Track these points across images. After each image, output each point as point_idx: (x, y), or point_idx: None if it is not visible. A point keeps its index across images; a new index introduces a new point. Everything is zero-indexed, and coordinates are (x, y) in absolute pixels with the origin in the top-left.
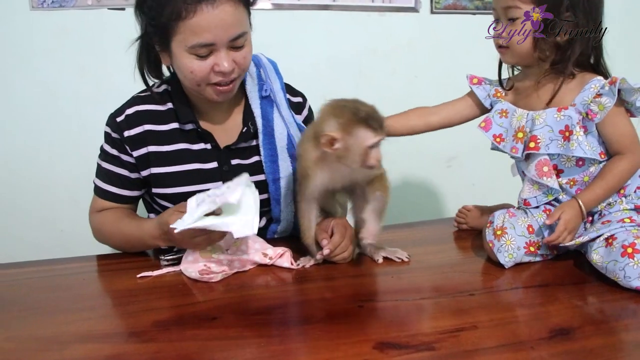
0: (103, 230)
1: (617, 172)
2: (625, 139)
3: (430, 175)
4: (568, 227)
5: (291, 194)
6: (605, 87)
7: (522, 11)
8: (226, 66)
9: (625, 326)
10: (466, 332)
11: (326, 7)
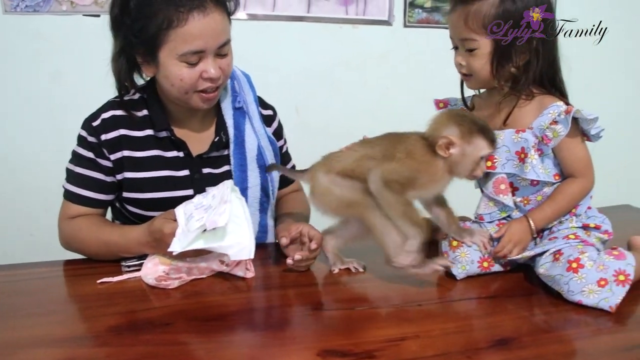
0: (79, 237)
1: (567, 194)
2: (579, 164)
3: None
4: (512, 240)
5: (258, 203)
6: (561, 115)
7: (479, 42)
8: (214, 73)
9: (561, 337)
10: (408, 342)
11: (300, 18)
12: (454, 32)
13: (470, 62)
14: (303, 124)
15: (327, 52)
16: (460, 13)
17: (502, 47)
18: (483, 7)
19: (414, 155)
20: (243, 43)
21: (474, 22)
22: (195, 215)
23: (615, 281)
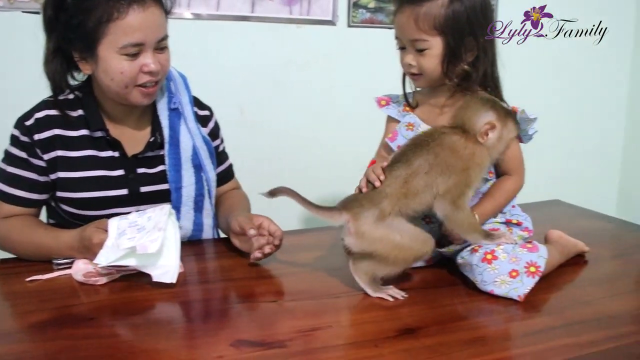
0: (11, 237)
1: (505, 190)
2: (514, 162)
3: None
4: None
5: (192, 202)
6: None
7: (430, 43)
8: (154, 66)
9: (468, 325)
10: (320, 332)
11: (245, 18)
12: (402, 33)
13: (421, 62)
14: (247, 123)
15: (272, 51)
16: (410, 14)
17: (452, 47)
18: (433, 8)
19: (460, 154)
20: (188, 43)
21: (425, 23)
22: (127, 233)
23: (526, 272)
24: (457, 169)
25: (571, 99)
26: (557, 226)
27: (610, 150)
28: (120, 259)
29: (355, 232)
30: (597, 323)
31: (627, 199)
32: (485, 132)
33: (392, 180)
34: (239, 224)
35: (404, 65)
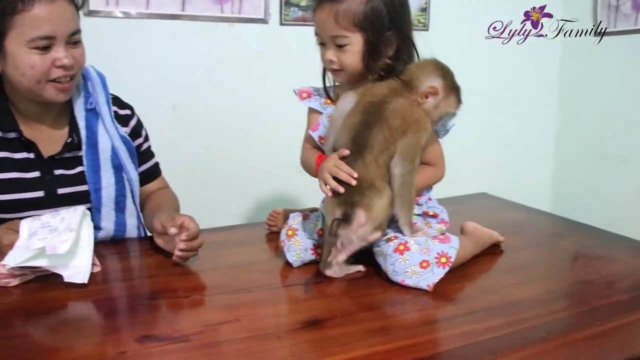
0: None
1: (422, 175)
2: (435, 155)
3: (282, 181)
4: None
5: (113, 203)
6: None
7: (350, 39)
8: (67, 61)
9: (376, 315)
10: (227, 325)
11: (175, 16)
12: (322, 29)
13: (341, 58)
14: (180, 121)
15: (203, 50)
16: (329, 11)
17: (373, 42)
18: (352, 5)
19: (409, 120)
20: (118, 42)
21: (345, 20)
22: (39, 234)
23: (437, 263)
24: (410, 132)
25: (504, 96)
26: (480, 218)
27: (543, 144)
28: (29, 260)
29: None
30: (500, 310)
31: (560, 190)
32: (426, 94)
33: (365, 167)
34: (161, 223)
35: (325, 61)
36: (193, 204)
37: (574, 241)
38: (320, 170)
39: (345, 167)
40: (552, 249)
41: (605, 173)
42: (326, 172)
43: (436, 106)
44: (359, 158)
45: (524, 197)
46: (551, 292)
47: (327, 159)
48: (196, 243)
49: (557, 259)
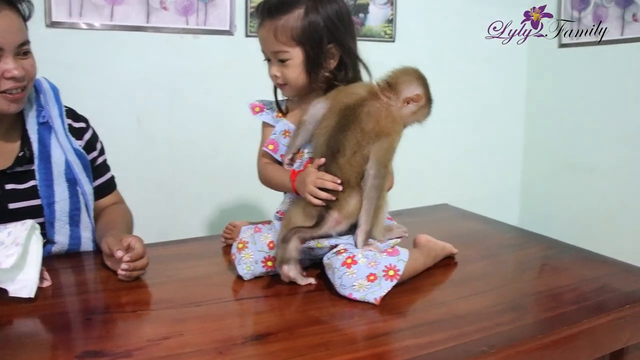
0: None
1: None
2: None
3: (248, 193)
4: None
5: (67, 217)
6: None
7: (290, 53)
8: (16, 72)
9: (319, 329)
10: (170, 340)
11: (139, 28)
12: (265, 45)
13: (284, 73)
14: (145, 133)
15: (169, 62)
16: (269, 28)
17: (312, 56)
18: (290, 21)
19: (383, 123)
20: (82, 53)
21: (283, 35)
22: None
23: (385, 276)
24: (384, 135)
25: (471, 107)
26: (439, 229)
27: (511, 153)
28: None
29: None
30: (445, 324)
31: (528, 199)
32: (410, 100)
33: (339, 169)
34: (108, 245)
35: (270, 76)
36: (159, 216)
37: (528, 253)
38: (302, 185)
39: (328, 176)
40: (505, 261)
41: (572, 182)
42: (311, 185)
43: (414, 113)
44: (333, 161)
45: (493, 207)
46: (498, 305)
47: (306, 173)
48: (140, 263)
49: (509, 271)
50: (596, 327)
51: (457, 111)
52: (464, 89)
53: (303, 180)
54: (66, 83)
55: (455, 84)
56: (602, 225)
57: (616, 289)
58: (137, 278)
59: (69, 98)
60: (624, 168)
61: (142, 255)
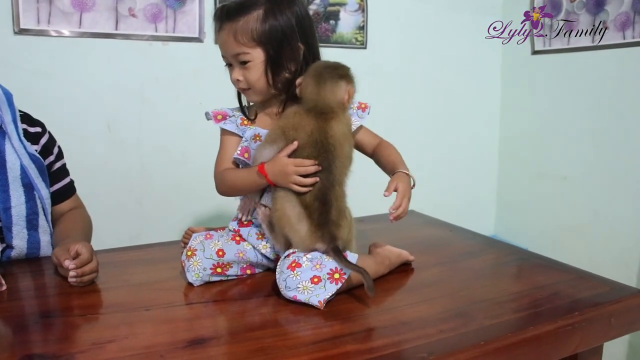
0: None
1: (391, 147)
2: (372, 134)
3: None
4: (407, 195)
5: (24, 221)
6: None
7: (251, 55)
8: None
9: (262, 334)
10: (114, 344)
11: (109, 35)
12: (225, 50)
13: (246, 76)
14: (115, 140)
15: (138, 69)
16: (229, 31)
17: (273, 56)
18: (249, 22)
19: (348, 134)
20: (51, 60)
21: (243, 37)
22: None
23: (330, 279)
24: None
25: (444, 114)
26: (401, 236)
27: (487, 160)
28: None
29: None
30: (388, 330)
31: (504, 207)
32: (348, 99)
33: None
34: (56, 256)
35: (232, 81)
36: (129, 221)
37: (486, 259)
38: (284, 176)
39: (307, 161)
40: (460, 268)
41: (546, 190)
42: (294, 175)
43: (351, 100)
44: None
45: (469, 215)
46: (444, 312)
47: (281, 164)
48: (88, 268)
49: (463, 278)
50: (542, 335)
51: (430, 118)
52: (437, 96)
53: (283, 172)
54: (35, 90)
55: (428, 91)
56: (575, 232)
57: (568, 296)
58: (92, 282)
59: (38, 105)
60: (596, 176)
61: (89, 260)
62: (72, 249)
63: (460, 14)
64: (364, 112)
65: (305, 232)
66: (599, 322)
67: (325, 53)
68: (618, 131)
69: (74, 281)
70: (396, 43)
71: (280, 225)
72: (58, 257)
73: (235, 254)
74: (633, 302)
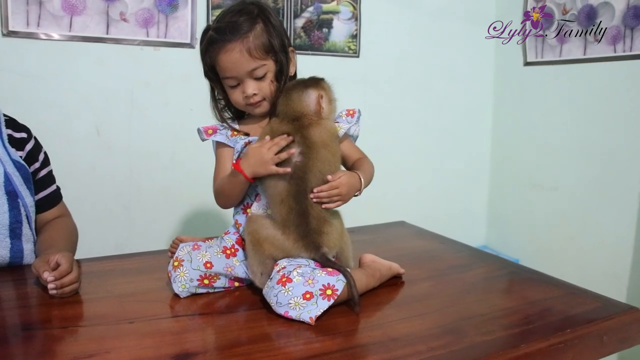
0: None
1: (368, 163)
2: (357, 150)
3: (207, 206)
4: (342, 188)
5: (7, 230)
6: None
7: (267, 66)
8: None
9: (248, 350)
10: (95, 358)
11: (99, 39)
12: (237, 68)
13: (262, 88)
14: (105, 144)
15: (129, 73)
16: (240, 49)
17: (282, 63)
18: (258, 36)
19: (331, 140)
20: (40, 63)
21: (258, 51)
22: None
23: (322, 295)
24: (334, 151)
25: (437, 124)
26: (391, 247)
27: (479, 170)
28: None
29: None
30: (378, 346)
31: (495, 217)
32: (319, 104)
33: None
34: (34, 268)
35: (245, 97)
36: (116, 227)
37: (477, 273)
38: (261, 164)
39: (276, 138)
40: (451, 281)
41: (538, 200)
42: (271, 164)
43: (330, 102)
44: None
45: (460, 226)
46: (436, 328)
47: (254, 152)
48: (67, 279)
49: (454, 292)
50: (534, 352)
51: (422, 128)
52: (429, 106)
53: (259, 160)
54: (23, 93)
55: (420, 100)
56: (566, 242)
57: (560, 312)
58: (75, 293)
59: (26, 108)
60: (587, 186)
61: (68, 271)
62: (51, 260)
63: (453, 23)
64: (353, 117)
65: (290, 247)
66: (591, 340)
67: (318, 61)
68: (609, 142)
69: (54, 293)
70: (389, 52)
71: (263, 248)
72: (37, 268)
73: (223, 267)
74: (625, 319)
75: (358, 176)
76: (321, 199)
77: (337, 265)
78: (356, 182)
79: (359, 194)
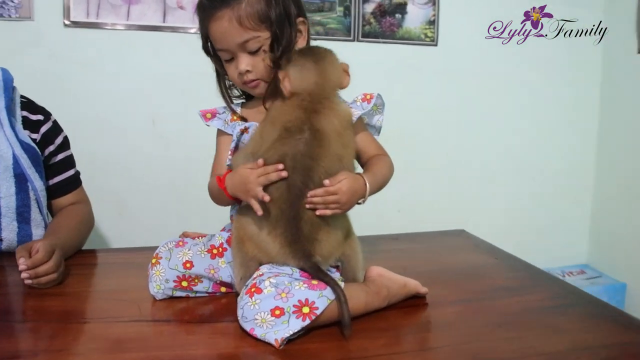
0: None
1: (384, 163)
2: (375, 144)
3: None
4: (340, 193)
5: (14, 213)
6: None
7: (261, 38)
8: None
9: None
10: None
11: (156, 28)
12: (226, 40)
13: (257, 65)
14: (160, 134)
15: (184, 62)
16: (229, 17)
17: (282, 37)
18: (253, 3)
19: (342, 128)
20: (98, 52)
21: (250, 20)
22: None
23: (296, 312)
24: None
25: (526, 123)
26: (430, 260)
27: (581, 176)
28: None
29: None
30: None
31: (600, 231)
32: (345, 78)
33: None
34: (17, 254)
35: (239, 74)
36: (172, 216)
37: (525, 300)
38: (237, 188)
39: (269, 167)
40: (485, 308)
41: None
42: (251, 190)
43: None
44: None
45: (558, 239)
46: None
47: (242, 176)
48: (41, 270)
49: (482, 323)
50: None
51: (511, 126)
52: (520, 101)
53: (243, 187)
54: (81, 82)
55: (509, 94)
56: None
57: None
58: (57, 283)
59: (83, 97)
60: None
61: (43, 260)
62: (33, 248)
63: (552, 4)
64: (369, 103)
65: (276, 252)
66: None
67: (389, 50)
68: None
69: (29, 282)
70: (472, 40)
71: (246, 247)
72: (16, 254)
73: (205, 269)
74: None
75: (363, 180)
76: (315, 204)
77: (328, 278)
78: (360, 187)
79: (363, 202)
